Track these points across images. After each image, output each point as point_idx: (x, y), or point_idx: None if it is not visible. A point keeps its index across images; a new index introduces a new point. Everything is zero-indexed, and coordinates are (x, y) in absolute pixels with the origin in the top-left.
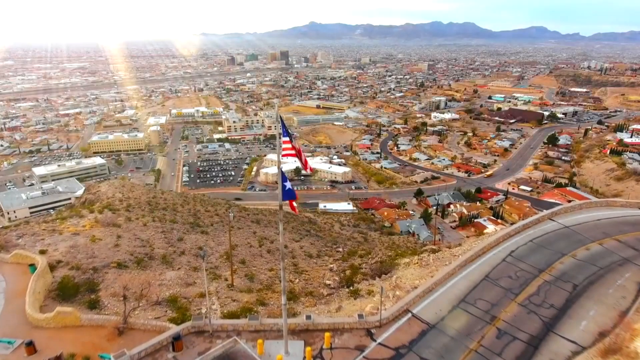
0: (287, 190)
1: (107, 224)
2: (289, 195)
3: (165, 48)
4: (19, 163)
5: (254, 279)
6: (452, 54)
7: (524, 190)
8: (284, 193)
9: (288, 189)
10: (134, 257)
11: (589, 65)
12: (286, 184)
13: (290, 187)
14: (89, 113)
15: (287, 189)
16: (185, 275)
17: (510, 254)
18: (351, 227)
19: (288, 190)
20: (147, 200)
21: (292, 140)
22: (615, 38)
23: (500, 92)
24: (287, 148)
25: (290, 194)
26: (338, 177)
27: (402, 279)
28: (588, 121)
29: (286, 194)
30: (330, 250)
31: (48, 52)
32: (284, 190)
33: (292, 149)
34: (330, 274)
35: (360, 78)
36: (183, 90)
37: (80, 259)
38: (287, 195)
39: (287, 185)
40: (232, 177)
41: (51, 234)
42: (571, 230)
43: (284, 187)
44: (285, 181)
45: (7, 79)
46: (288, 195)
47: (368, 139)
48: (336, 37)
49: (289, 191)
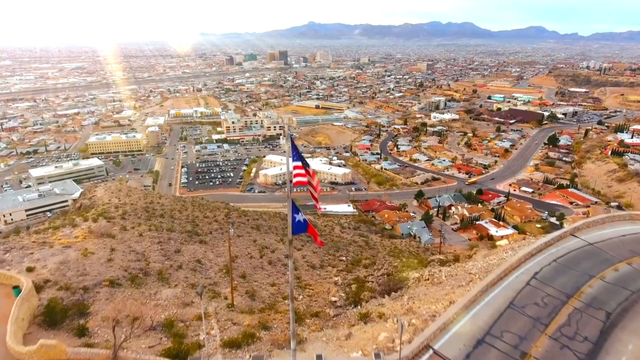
0: (298, 223)
1: (101, 235)
2: (300, 228)
3: (164, 48)
4: (16, 164)
5: (256, 296)
6: (451, 54)
7: (525, 192)
8: (294, 226)
9: (298, 222)
10: (128, 273)
11: (588, 65)
12: (297, 216)
13: (303, 219)
14: (87, 113)
15: (297, 221)
16: (182, 293)
17: (534, 276)
18: (352, 230)
19: (298, 223)
20: (144, 206)
21: (305, 166)
22: (614, 38)
23: (499, 92)
24: (299, 174)
25: (302, 226)
26: (338, 179)
27: (415, 301)
28: (588, 121)
29: (297, 227)
30: (333, 259)
31: (46, 52)
32: (294, 222)
33: (304, 175)
34: (335, 288)
35: (359, 78)
36: (181, 90)
37: (70, 277)
38: (298, 229)
39: (298, 217)
40: (231, 178)
41: (41, 247)
42: (596, 247)
43: (294, 219)
44: (297, 212)
45: (5, 79)
46: (299, 228)
47: (368, 139)
48: (335, 37)
49: (300, 224)
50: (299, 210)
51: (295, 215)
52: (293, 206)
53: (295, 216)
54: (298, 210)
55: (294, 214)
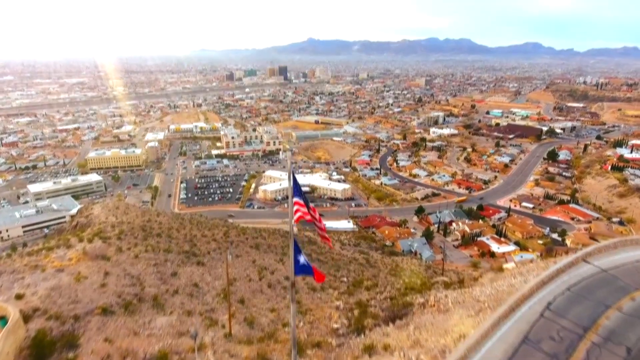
0: (301, 266)
1: (95, 257)
2: (303, 270)
3: (165, 63)
4: (15, 179)
5: (254, 323)
6: (449, 70)
7: (526, 207)
8: (297, 268)
9: (302, 264)
10: (122, 299)
11: (585, 80)
12: (300, 258)
13: (306, 262)
14: (87, 128)
15: (301, 264)
16: (177, 322)
17: (547, 307)
18: (352, 247)
19: (302, 266)
20: (141, 224)
21: (307, 203)
22: (609, 54)
23: (497, 107)
24: (299, 210)
25: (305, 269)
26: (338, 194)
27: (422, 332)
28: (586, 136)
29: (300, 269)
30: (334, 280)
31: (48, 67)
32: (297, 265)
33: (306, 213)
34: (336, 313)
35: (358, 93)
36: (182, 105)
37: (60, 305)
38: (300, 271)
39: (301, 259)
40: (230, 194)
41: (33, 270)
42: (610, 274)
43: (297, 261)
44: (299, 253)
45: (6, 94)
46: (302, 270)
47: (367, 154)
48: (334, 53)
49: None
50: (301, 251)
51: (299, 257)
52: (295, 246)
53: (298, 258)
54: (300, 251)
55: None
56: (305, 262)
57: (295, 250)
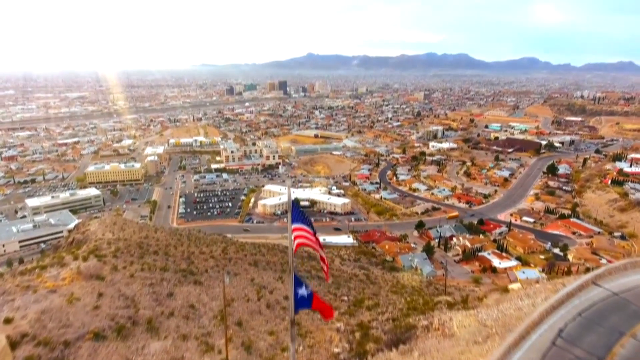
0: (301, 299)
1: (89, 276)
2: (303, 304)
3: (166, 77)
4: (13, 194)
5: (252, 348)
6: (447, 84)
7: (526, 222)
8: (296, 303)
9: (301, 297)
10: (115, 322)
11: (582, 94)
12: (300, 291)
13: (307, 294)
14: (86, 142)
15: (300, 297)
16: (172, 347)
17: (559, 334)
18: (352, 262)
19: (301, 299)
20: (138, 241)
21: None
22: (605, 68)
23: (496, 121)
24: (300, 236)
25: (305, 302)
26: (337, 209)
27: (428, 359)
28: (585, 150)
29: (300, 303)
30: (334, 299)
31: (49, 81)
32: (297, 298)
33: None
34: (337, 336)
35: (357, 107)
36: (182, 119)
37: (50, 330)
38: (301, 305)
39: (302, 291)
40: (229, 208)
41: (24, 292)
42: (622, 298)
43: (296, 294)
44: (300, 286)
45: (7, 108)
46: (302, 304)
47: (367, 168)
48: (333, 68)
49: (304, 299)
50: (302, 282)
51: (299, 290)
52: (296, 279)
53: (298, 291)
54: (301, 283)
55: (296, 289)
56: (306, 294)
57: (296, 283)
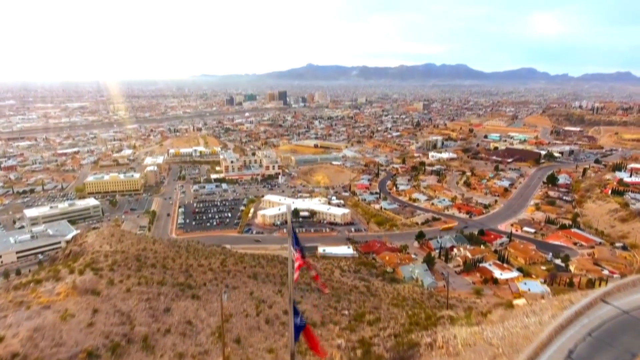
0: (299, 329)
1: (85, 291)
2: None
3: (166, 88)
4: (12, 204)
5: None
6: (446, 94)
7: (527, 232)
8: (295, 331)
9: (299, 326)
10: (110, 340)
11: (580, 104)
12: (298, 320)
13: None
14: (86, 152)
15: (299, 327)
16: None
17: (569, 355)
18: (352, 274)
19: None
20: (135, 253)
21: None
22: (603, 78)
23: (495, 131)
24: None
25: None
26: (337, 219)
27: None
28: (585, 160)
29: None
30: (335, 314)
31: (50, 91)
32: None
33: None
34: (338, 353)
35: (357, 118)
36: (182, 129)
37: (43, 349)
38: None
39: (299, 320)
40: (228, 218)
41: (17, 308)
42: (633, 317)
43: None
44: (297, 315)
45: (8, 118)
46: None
47: (366, 178)
48: (333, 78)
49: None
50: (299, 312)
51: (297, 320)
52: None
53: (296, 321)
54: (299, 313)
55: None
56: (303, 323)
57: (295, 313)
